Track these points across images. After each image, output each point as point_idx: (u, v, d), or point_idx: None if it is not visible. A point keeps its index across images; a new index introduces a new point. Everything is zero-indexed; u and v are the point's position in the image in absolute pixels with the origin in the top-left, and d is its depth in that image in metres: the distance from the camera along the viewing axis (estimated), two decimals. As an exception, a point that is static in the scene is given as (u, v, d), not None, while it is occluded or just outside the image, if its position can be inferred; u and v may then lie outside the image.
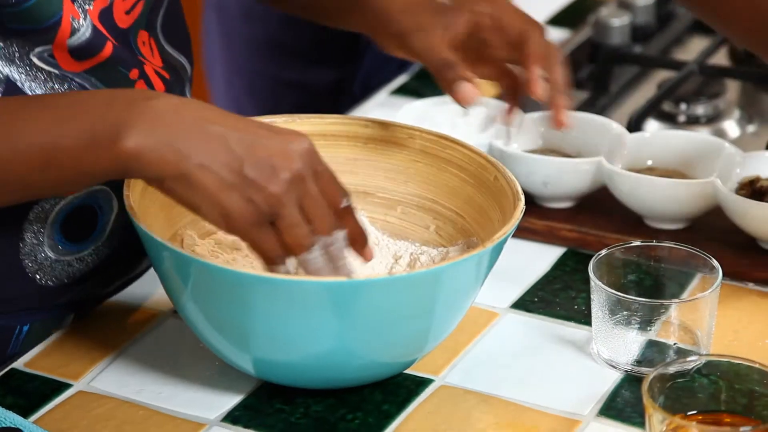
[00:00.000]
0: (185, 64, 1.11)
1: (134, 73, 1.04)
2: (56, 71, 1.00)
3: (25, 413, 0.98)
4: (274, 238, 0.92)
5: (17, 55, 0.98)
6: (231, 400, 1.00)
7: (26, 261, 1.03)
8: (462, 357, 1.04)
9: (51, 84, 1.00)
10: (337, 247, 0.94)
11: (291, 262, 0.94)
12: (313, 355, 0.96)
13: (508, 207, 1.01)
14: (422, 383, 1.01)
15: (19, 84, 0.98)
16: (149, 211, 1.00)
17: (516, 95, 1.18)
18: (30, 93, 0.99)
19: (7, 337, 1.06)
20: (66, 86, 1.00)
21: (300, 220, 0.91)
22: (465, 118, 1.22)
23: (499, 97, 1.22)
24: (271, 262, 0.93)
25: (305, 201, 0.91)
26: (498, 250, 0.97)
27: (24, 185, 0.92)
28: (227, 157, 0.90)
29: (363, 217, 1.06)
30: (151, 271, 1.14)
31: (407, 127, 1.07)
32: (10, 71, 0.98)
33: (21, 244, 1.03)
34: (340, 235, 0.94)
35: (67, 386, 1.01)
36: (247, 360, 0.97)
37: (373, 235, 1.07)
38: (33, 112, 0.91)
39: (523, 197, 1.00)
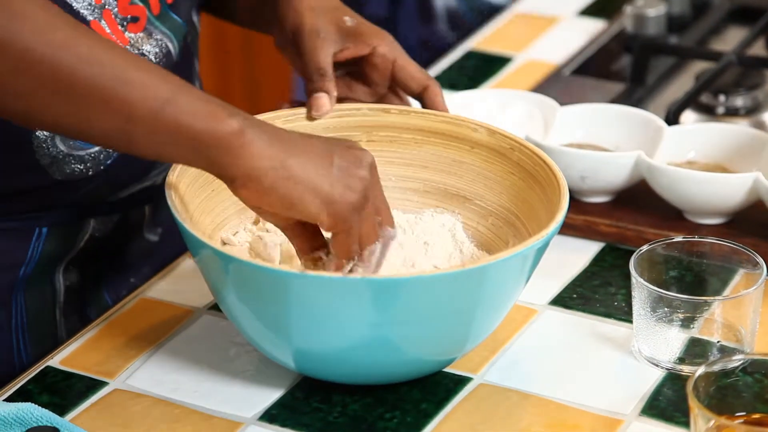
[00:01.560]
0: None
1: None
2: None
3: (62, 411, 0.97)
4: (357, 229, 0.94)
5: None
6: (268, 399, 0.99)
7: (39, 153, 1.05)
8: (501, 354, 1.03)
9: None
10: (393, 238, 0.98)
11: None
12: (354, 350, 0.95)
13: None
14: (461, 381, 1.00)
15: None
16: (190, 207, 1.00)
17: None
18: None
19: (25, 243, 1.06)
20: None
21: (373, 212, 0.95)
22: (503, 112, 1.21)
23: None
24: (349, 256, 0.95)
25: (377, 192, 0.96)
26: (542, 248, 0.96)
27: (129, 118, 0.90)
28: (319, 151, 0.93)
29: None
30: (185, 266, 1.13)
31: (510, 137, 1.06)
32: None
33: (33, 138, 1.04)
34: (395, 231, 0.98)
35: (103, 384, 1.00)
36: (287, 354, 0.97)
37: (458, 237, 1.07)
38: (153, 69, 0.92)
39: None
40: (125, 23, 1.07)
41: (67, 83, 0.89)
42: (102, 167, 1.08)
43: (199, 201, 1.02)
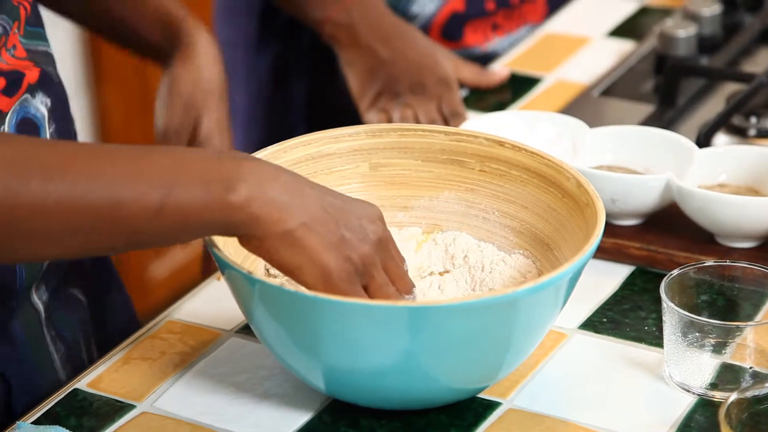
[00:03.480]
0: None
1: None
2: None
3: (89, 435, 0.97)
4: (366, 299, 0.94)
5: None
6: (296, 422, 0.98)
7: None
8: (530, 379, 1.02)
9: None
10: None
11: None
12: (386, 375, 0.94)
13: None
14: (490, 406, 0.99)
15: None
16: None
17: None
18: None
19: (11, 274, 1.05)
20: None
21: (387, 280, 0.95)
22: (533, 134, 1.20)
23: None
24: None
25: (389, 263, 0.95)
26: (575, 276, 0.96)
27: (135, 231, 0.91)
28: (325, 218, 0.92)
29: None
30: (211, 288, 1.13)
31: (588, 191, 1.02)
32: None
33: None
34: (415, 294, 0.98)
35: (131, 407, 1.00)
36: (319, 377, 0.96)
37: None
38: (145, 159, 0.91)
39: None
40: (12, 51, 1.06)
41: (58, 226, 0.89)
42: None
43: None
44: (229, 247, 0.99)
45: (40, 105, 1.06)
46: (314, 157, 1.07)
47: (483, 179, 1.07)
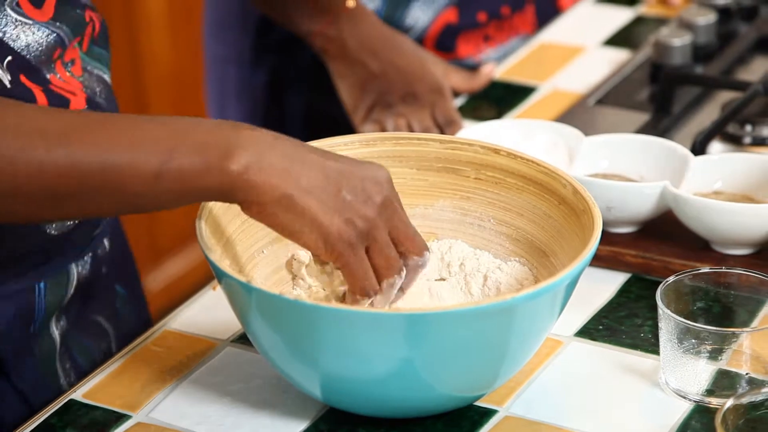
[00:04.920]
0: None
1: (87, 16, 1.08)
2: (28, 21, 1.03)
3: (84, 445, 0.97)
4: (367, 263, 0.94)
5: None
6: (292, 431, 0.98)
7: None
8: (526, 387, 1.02)
9: (30, 34, 1.02)
10: (422, 267, 0.97)
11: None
12: (382, 383, 0.94)
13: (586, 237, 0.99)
14: (486, 414, 0.99)
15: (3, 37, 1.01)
16: (218, 243, 1.00)
17: None
18: (11, 43, 1.01)
19: (30, 304, 1.06)
20: (42, 34, 1.03)
21: (390, 242, 0.95)
22: (528, 142, 1.20)
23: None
24: (362, 292, 0.95)
25: (395, 224, 0.95)
26: (572, 283, 0.96)
27: (134, 195, 0.92)
28: (325, 182, 0.93)
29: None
30: (207, 298, 1.13)
31: (585, 198, 1.02)
32: None
33: None
34: (428, 255, 0.97)
35: (127, 417, 1.00)
36: (315, 385, 0.96)
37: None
38: (145, 127, 0.92)
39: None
40: (69, 67, 1.08)
41: (58, 190, 0.90)
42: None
43: (226, 239, 1.02)
44: (225, 258, 0.99)
45: None
46: None
47: (479, 187, 1.07)
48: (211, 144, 0.91)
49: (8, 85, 1.01)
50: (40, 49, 1.04)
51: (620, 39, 1.55)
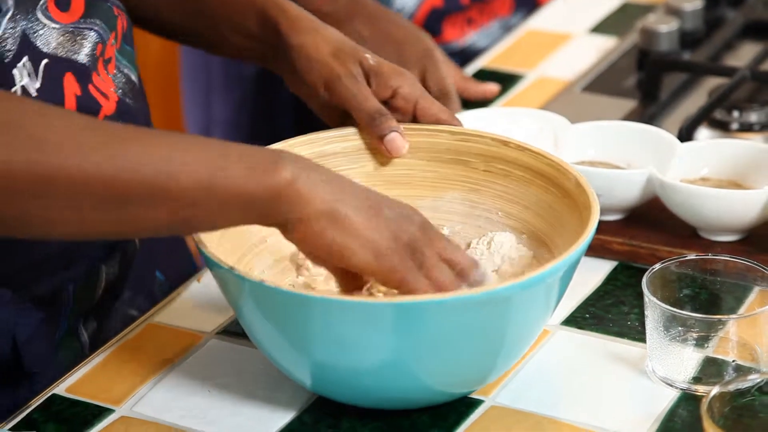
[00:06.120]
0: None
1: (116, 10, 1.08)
2: (56, 25, 1.02)
3: (67, 440, 0.96)
4: (424, 279, 0.93)
5: (30, 10, 1.00)
6: (276, 424, 0.97)
7: None
8: (513, 376, 1.01)
9: (59, 38, 1.02)
10: (483, 280, 0.96)
11: None
12: (373, 373, 0.93)
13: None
14: (472, 404, 0.98)
15: (32, 39, 1.00)
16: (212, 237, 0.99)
17: None
18: (43, 47, 1.01)
19: (58, 307, 1.06)
20: (72, 37, 1.02)
21: (440, 260, 0.93)
22: (515, 130, 1.19)
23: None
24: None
25: (439, 243, 0.94)
26: (568, 272, 0.95)
27: (184, 218, 0.90)
28: (368, 203, 0.92)
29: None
30: (191, 291, 1.12)
31: (586, 191, 1.01)
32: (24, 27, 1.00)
33: None
34: (482, 271, 0.96)
35: (110, 411, 0.99)
36: (305, 373, 0.96)
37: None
38: (189, 146, 0.90)
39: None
40: (107, 65, 1.07)
41: (109, 194, 0.88)
42: None
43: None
44: (219, 247, 0.98)
45: None
46: (319, 155, 1.07)
47: (487, 179, 1.07)
48: (258, 159, 0.90)
49: (34, 93, 1.00)
50: (77, 49, 1.03)
51: (607, 26, 1.55)
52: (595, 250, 1.14)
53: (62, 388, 1.02)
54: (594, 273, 1.13)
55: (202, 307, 1.09)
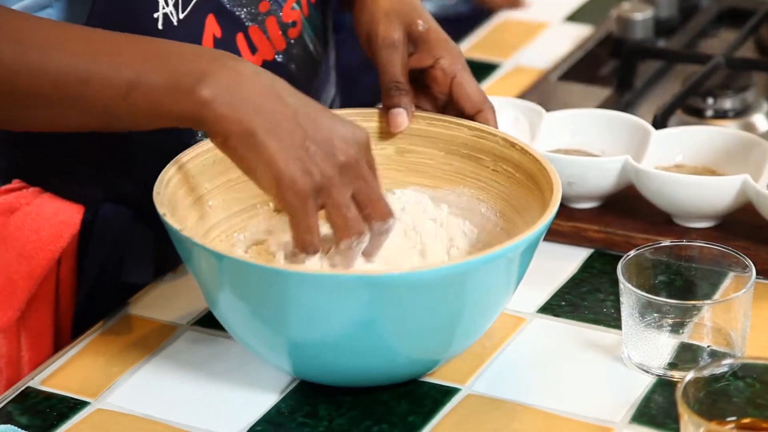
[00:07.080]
0: None
1: None
2: None
3: (42, 433, 0.96)
4: (315, 219, 0.93)
5: None
6: (252, 415, 0.97)
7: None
8: (489, 364, 1.01)
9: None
10: (386, 233, 0.96)
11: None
12: (340, 346, 0.94)
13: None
14: (448, 393, 0.98)
15: None
16: (179, 207, 0.99)
17: None
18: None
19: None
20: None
21: (351, 203, 0.94)
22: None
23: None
24: (302, 246, 0.94)
25: (359, 186, 0.94)
26: (529, 249, 0.95)
27: (105, 110, 0.93)
28: (293, 127, 0.92)
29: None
30: (166, 282, 1.12)
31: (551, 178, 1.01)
32: None
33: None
34: (393, 222, 0.96)
35: (85, 404, 0.99)
36: (279, 351, 0.96)
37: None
38: (122, 45, 0.94)
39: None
40: (286, 28, 1.08)
41: (35, 94, 0.92)
42: None
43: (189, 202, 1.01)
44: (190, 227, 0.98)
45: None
46: None
47: (494, 179, 1.07)
48: (186, 69, 0.92)
49: (175, 23, 1.03)
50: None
51: (582, 14, 1.55)
52: (570, 237, 1.15)
53: (37, 380, 1.01)
54: (569, 260, 1.13)
55: (177, 298, 1.09)
